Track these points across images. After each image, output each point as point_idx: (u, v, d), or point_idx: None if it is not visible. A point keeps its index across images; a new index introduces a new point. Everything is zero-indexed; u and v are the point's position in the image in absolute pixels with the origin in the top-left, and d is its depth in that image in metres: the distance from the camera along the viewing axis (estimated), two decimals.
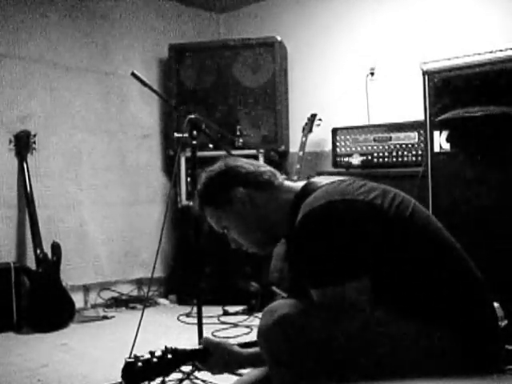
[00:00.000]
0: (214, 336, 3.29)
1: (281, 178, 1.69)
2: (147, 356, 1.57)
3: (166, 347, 1.61)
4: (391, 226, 1.43)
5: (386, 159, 3.79)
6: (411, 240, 1.44)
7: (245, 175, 1.66)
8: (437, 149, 2.87)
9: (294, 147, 4.50)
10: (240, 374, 2.42)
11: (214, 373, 1.76)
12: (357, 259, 1.39)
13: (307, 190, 1.55)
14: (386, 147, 3.80)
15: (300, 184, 1.64)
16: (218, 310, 3.88)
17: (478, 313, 1.42)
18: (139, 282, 4.57)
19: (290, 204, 1.59)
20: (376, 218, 1.42)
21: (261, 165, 1.72)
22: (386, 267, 1.40)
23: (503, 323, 1.97)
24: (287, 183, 1.69)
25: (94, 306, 4.24)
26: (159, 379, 1.62)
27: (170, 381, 2.40)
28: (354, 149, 3.92)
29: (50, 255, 3.74)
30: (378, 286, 1.39)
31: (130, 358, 1.56)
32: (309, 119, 4.25)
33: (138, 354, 1.58)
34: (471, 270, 1.47)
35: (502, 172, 2.66)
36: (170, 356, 1.60)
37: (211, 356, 1.69)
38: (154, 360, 1.57)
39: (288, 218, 1.57)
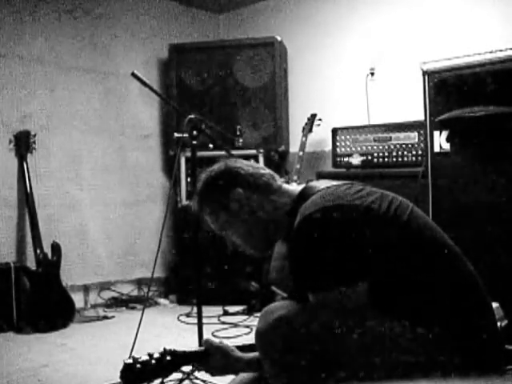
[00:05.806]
0: (215, 336, 3.29)
1: (280, 180, 1.69)
2: (146, 357, 1.57)
3: (164, 349, 1.61)
4: (388, 230, 1.42)
5: (386, 159, 3.79)
6: (409, 243, 1.43)
7: (244, 177, 1.65)
8: (437, 149, 2.87)
9: (294, 147, 4.50)
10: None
11: (213, 375, 1.76)
12: (353, 264, 1.38)
13: (305, 194, 1.55)
14: (386, 147, 3.80)
15: (298, 188, 1.64)
16: (218, 309, 3.88)
17: (475, 314, 1.42)
18: (139, 282, 4.57)
19: (287, 208, 1.59)
20: (373, 223, 1.42)
21: (260, 167, 1.72)
22: (383, 271, 1.40)
23: (503, 323, 1.97)
24: (286, 186, 1.68)
25: (94, 306, 4.24)
26: (158, 381, 1.60)
27: (170, 381, 2.40)
28: (354, 149, 3.91)
29: (50, 255, 3.74)
30: (376, 288, 1.39)
31: (128, 359, 1.56)
32: (309, 119, 4.26)
33: (137, 356, 1.57)
34: (469, 272, 1.47)
35: (502, 172, 2.66)
36: (168, 358, 1.59)
37: (211, 358, 1.68)
38: (153, 362, 1.56)
39: (286, 222, 1.56)
